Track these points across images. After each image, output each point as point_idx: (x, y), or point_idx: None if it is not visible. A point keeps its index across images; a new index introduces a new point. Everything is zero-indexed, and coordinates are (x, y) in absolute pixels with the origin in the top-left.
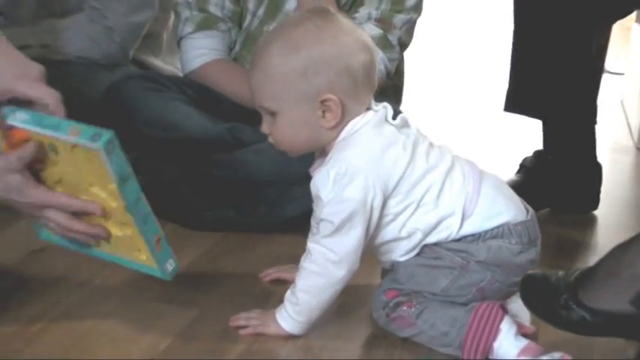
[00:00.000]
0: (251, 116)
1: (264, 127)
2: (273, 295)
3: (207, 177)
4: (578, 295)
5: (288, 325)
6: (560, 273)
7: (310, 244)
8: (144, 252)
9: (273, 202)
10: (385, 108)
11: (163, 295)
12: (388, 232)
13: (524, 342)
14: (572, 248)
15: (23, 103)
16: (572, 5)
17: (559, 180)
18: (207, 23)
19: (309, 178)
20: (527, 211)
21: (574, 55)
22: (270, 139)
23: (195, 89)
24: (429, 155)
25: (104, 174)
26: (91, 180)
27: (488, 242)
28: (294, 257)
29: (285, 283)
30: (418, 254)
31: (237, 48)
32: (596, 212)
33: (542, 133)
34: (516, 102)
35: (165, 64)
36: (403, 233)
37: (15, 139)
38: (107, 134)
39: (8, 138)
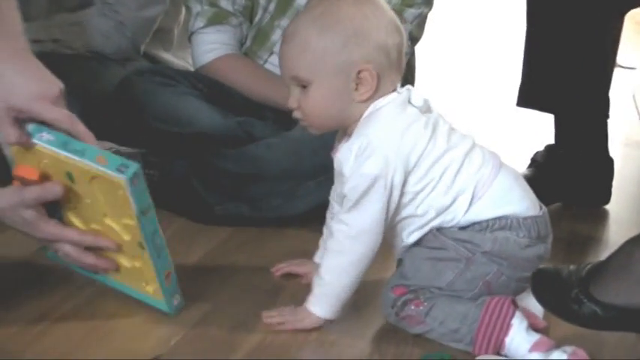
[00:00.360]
0: (262, 111)
1: (292, 102)
2: (284, 289)
3: (218, 171)
4: (590, 290)
5: (319, 310)
6: (572, 267)
7: (332, 223)
8: (152, 284)
9: (285, 197)
10: (409, 90)
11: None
12: (405, 209)
13: (535, 336)
14: (584, 242)
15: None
16: None
17: (571, 174)
18: (218, 18)
19: (321, 172)
20: (541, 207)
21: (586, 49)
22: (297, 114)
23: (206, 84)
24: (450, 136)
25: (122, 206)
26: (105, 211)
27: (495, 233)
28: (305, 252)
29: (296, 278)
30: (422, 243)
31: (248, 43)
32: (607, 206)
33: (553, 127)
34: (529, 97)
35: (177, 59)
36: (419, 210)
37: (26, 178)
38: (134, 167)
39: (20, 169)
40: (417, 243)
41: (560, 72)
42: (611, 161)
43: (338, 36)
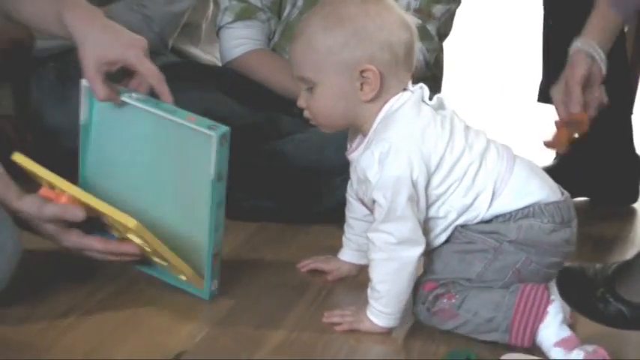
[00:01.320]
0: (289, 106)
1: (301, 101)
2: (310, 285)
3: (245, 167)
4: (616, 289)
5: (380, 320)
6: (598, 266)
7: (370, 234)
8: (186, 272)
9: (311, 193)
10: (422, 89)
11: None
12: (429, 212)
13: (566, 332)
14: (610, 241)
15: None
16: None
17: (596, 172)
18: (246, 13)
19: (347, 168)
20: (562, 193)
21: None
22: (306, 113)
23: (233, 79)
24: (467, 135)
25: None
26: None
27: (519, 222)
28: (331, 248)
29: (322, 274)
30: (449, 240)
31: (276, 38)
32: (634, 205)
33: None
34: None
35: (204, 54)
36: (441, 212)
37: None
38: (224, 128)
39: (44, 190)
40: (445, 241)
41: None
42: (637, 159)
43: (340, 35)
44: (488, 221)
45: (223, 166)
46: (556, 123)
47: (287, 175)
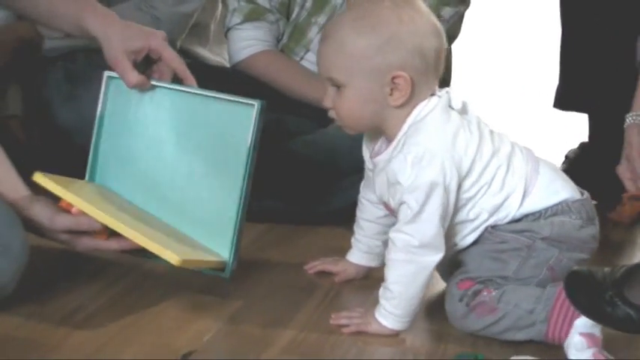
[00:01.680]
0: (298, 108)
1: (327, 101)
2: (318, 287)
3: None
4: (624, 292)
5: (389, 322)
6: (606, 269)
7: (392, 234)
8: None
9: (321, 194)
10: (448, 93)
11: (208, 285)
12: (458, 215)
13: (596, 330)
14: (619, 244)
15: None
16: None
17: (604, 175)
18: (255, 14)
19: (356, 170)
20: (582, 193)
21: (622, 51)
22: (332, 113)
23: (242, 80)
24: (492, 139)
25: None
26: None
27: (550, 219)
28: (339, 249)
29: (330, 275)
30: (479, 241)
31: (284, 40)
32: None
33: (587, 127)
34: (565, 99)
35: (213, 55)
36: (471, 215)
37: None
38: (261, 100)
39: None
40: (474, 242)
41: (595, 73)
42: None
43: (373, 40)
44: (518, 220)
45: (257, 137)
46: (623, 197)
47: (296, 176)
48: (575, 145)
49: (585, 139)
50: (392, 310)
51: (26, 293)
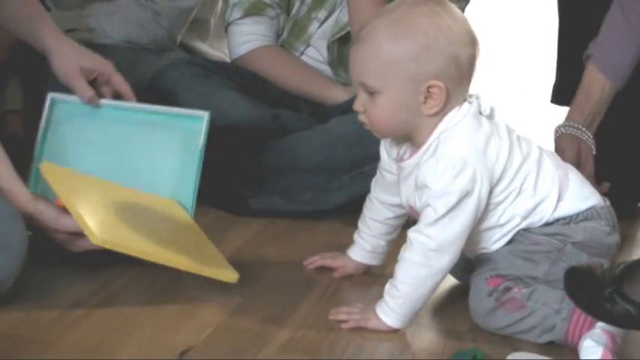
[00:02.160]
0: (297, 104)
1: (358, 105)
2: (317, 283)
3: (252, 164)
4: (623, 289)
5: (389, 319)
6: (605, 266)
7: (411, 234)
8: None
9: (319, 190)
10: (477, 99)
11: (207, 282)
12: (487, 221)
13: (619, 333)
14: None
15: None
16: None
17: (605, 171)
18: (255, 9)
19: (355, 166)
20: (605, 199)
21: None
22: (362, 118)
23: (242, 75)
24: (521, 144)
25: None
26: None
27: (581, 224)
28: (339, 245)
29: (329, 271)
30: (511, 242)
31: (284, 35)
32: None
33: None
34: (563, 94)
35: (213, 50)
36: (502, 220)
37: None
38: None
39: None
40: (505, 244)
41: None
42: None
43: (410, 47)
44: (550, 224)
45: (206, 139)
46: None
47: (295, 172)
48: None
49: None
50: (395, 308)
51: (24, 290)
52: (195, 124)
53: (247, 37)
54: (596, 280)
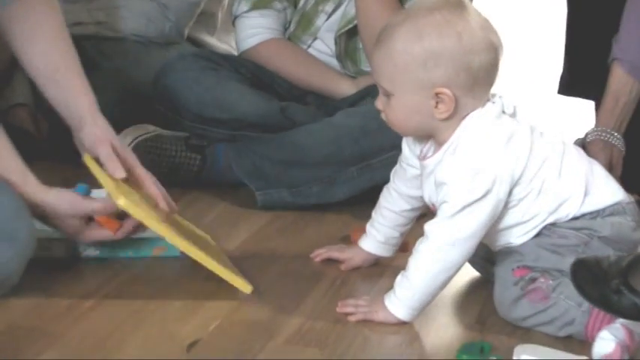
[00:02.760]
0: (304, 97)
1: (378, 104)
2: (324, 275)
3: (259, 157)
4: (630, 281)
5: (398, 311)
6: (612, 258)
7: (428, 227)
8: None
9: (326, 183)
10: (501, 99)
11: (214, 274)
12: (510, 218)
13: (637, 328)
14: None
15: None
16: None
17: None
18: (262, 2)
19: (361, 159)
20: (630, 195)
21: None
22: (383, 116)
23: (249, 68)
24: (543, 142)
25: None
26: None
27: (608, 219)
28: (345, 237)
29: (336, 264)
30: (538, 235)
31: (291, 28)
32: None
33: (594, 114)
34: (570, 85)
35: (220, 43)
36: (526, 217)
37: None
38: None
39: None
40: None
41: (601, 59)
42: None
43: (418, 54)
44: (577, 218)
45: None
46: None
47: (301, 165)
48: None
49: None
50: (405, 300)
51: (33, 282)
52: None
53: (254, 30)
54: (603, 272)
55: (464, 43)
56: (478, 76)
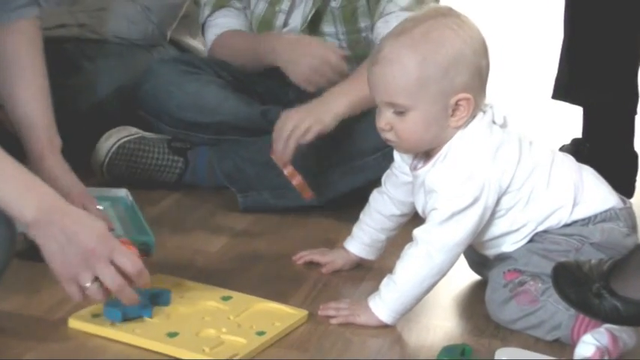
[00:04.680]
0: (286, 94)
1: (383, 124)
2: (306, 278)
3: (241, 160)
4: (611, 284)
5: (382, 314)
6: (593, 261)
7: (417, 232)
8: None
9: (309, 185)
10: (491, 108)
11: (197, 275)
12: (499, 227)
13: (622, 335)
14: None
15: None
16: None
17: (596, 165)
18: (221, 1)
19: (344, 162)
20: (624, 201)
21: (624, 45)
22: (388, 135)
23: (230, 72)
24: (532, 151)
25: None
26: None
27: (599, 225)
28: (328, 240)
29: (318, 266)
30: (530, 241)
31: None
32: (631, 200)
33: (582, 120)
34: (565, 91)
35: (203, 46)
36: (515, 226)
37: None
38: None
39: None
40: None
41: (597, 66)
42: (635, 156)
43: (440, 63)
44: (569, 225)
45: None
46: None
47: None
48: (568, 141)
49: (577, 135)
50: (390, 303)
51: (14, 285)
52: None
53: (216, 30)
54: (584, 275)
55: (473, 47)
56: (484, 78)
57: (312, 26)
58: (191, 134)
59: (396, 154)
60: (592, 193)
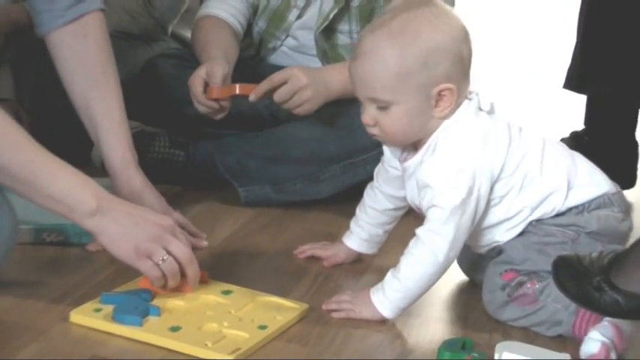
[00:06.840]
0: None
1: (368, 119)
2: (307, 272)
3: (243, 153)
4: (612, 278)
5: (385, 310)
6: (594, 255)
7: (421, 232)
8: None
9: (309, 180)
10: (477, 95)
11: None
12: (495, 215)
13: (625, 327)
14: None
15: None
16: None
17: (595, 157)
18: None
19: (346, 156)
20: (615, 185)
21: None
22: (373, 130)
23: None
24: (522, 137)
25: None
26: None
27: (595, 212)
28: (328, 234)
29: (319, 260)
30: (524, 233)
31: (263, 25)
32: (630, 195)
33: (585, 110)
34: (579, 81)
35: None
36: (510, 213)
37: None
38: None
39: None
40: (517, 235)
41: (610, 59)
42: (636, 145)
43: (419, 55)
44: (563, 214)
45: None
46: None
47: (285, 162)
48: (567, 134)
49: (577, 127)
50: (393, 300)
51: (15, 277)
52: None
53: (202, 11)
54: (584, 269)
55: (452, 34)
56: (466, 66)
57: (327, 23)
58: (192, 128)
59: (386, 149)
60: (586, 178)
